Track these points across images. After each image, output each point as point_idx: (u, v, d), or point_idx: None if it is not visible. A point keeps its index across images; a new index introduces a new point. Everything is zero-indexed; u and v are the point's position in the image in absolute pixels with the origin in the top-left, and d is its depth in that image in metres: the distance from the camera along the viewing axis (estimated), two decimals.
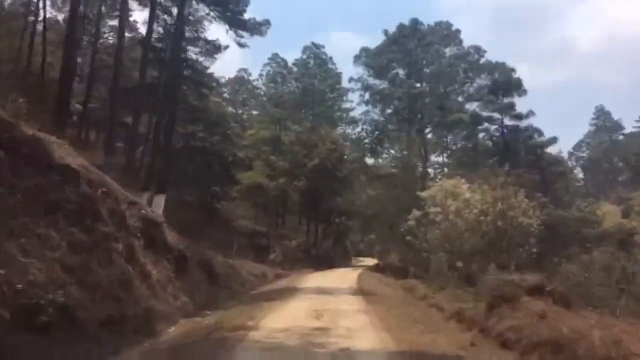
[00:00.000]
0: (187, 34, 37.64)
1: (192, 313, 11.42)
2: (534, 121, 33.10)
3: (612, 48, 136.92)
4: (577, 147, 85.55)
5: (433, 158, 48.00)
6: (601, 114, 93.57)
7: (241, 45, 35.95)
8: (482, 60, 42.25)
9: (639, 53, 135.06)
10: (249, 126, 58.36)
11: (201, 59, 41.63)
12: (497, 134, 33.28)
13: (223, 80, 64.54)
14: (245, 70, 71.99)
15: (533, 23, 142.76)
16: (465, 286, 22.11)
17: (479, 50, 42.06)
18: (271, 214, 55.52)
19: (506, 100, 32.90)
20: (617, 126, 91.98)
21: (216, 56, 43.65)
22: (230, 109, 70.08)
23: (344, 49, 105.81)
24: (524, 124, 33.11)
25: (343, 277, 29.66)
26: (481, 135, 35.50)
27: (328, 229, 54.87)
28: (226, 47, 40.16)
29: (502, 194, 20.95)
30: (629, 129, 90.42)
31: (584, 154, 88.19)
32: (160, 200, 18.64)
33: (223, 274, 16.64)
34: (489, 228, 21.23)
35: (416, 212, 25.31)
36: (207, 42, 39.80)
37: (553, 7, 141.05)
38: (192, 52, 40.74)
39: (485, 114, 33.91)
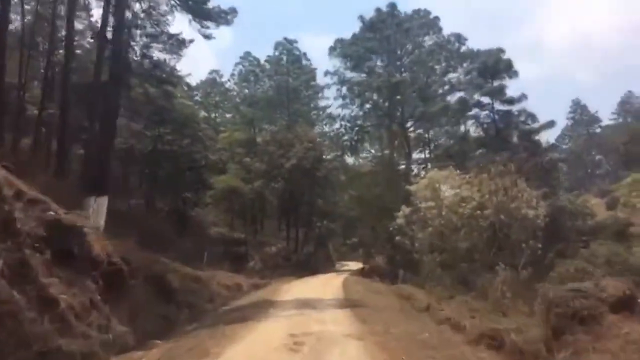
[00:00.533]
0: (148, 29, 34.91)
1: (131, 346, 8.66)
2: (526, 105, 30.80)
3: (578, 45, 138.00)
4: (560, 139, 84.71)
5: (415, 155, 45.68)
6: (577, 107, 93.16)
7: (207, 37, 33.16)
8: (463, 49, 40.31)
9: (605, 49, 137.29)
10: (224, 130, 55.46)
11: (167, 56, 38.66)
12: (488, 120, 31.06)
13: (194, 84, 61.48)
14: (217, 72, 68.75)
15: (504, 21, 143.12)
16: (462, 289, 19.85)
17: (459, 38, 40.00)
18: (249, 220, 52.64)
19: (496, 83, 30.60)
20: (594, 119, 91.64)
21: (182, 52, 40.60)
22: (203, 113, 67.21)
23: (322, 53, 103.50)
24: (516, 108, 30.96)
25: (327, 284, 27.03)
26: (470, 122, 33.33)
27: (309, 233, 52.18)
28: (191, 40, 37.16)
29: (501, 183, 18.62)
30: (605, 121, 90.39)
31: (566, 147, 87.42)
32: (101, 204, 15.66)
33: (184, 289, 13.84)
34: (488, 222, 18.89)
35: (405, 209, 22.84)
36: (170, 36, 36.78)
37: (522, 5, 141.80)
38: (156, 49, 37.92)
39: (474, 98, 31.49)
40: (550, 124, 31.87)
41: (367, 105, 42.17)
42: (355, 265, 58.56)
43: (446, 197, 19.45)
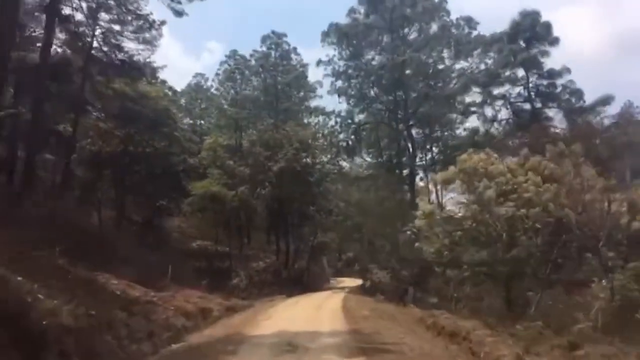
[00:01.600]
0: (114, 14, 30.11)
1: None
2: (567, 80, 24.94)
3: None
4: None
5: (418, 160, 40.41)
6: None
7: (178, 13, 28.11)
8: (475, 35, 35.28)
9: None
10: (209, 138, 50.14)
11: (140, 47, 33.53)
12: (520, 100, 25.70)
13: (179, 89, 56.12)
14: (202, 75, 62.93)
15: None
16: (508, 314, 14.56)
17: (470, 23, 34.85)
18: (234, 231, 47.06)
19: (533, 51, 25.08)
20: None
21: (155, 42, 35.39)
22: (188, 120, 61.71)
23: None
24: (559, 83, 25.43)
25: (322, 306, 21.63)
26: (499, 104, 27.74)
27: (301, 247, 46.64)
28: (162, 22, 32.12)
29: (563, 169, 13.39)
30: None
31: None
32: None
33: (90, 326, 8.37)
34: (545, 222, 13.64)
35: (427, 207, 17.46)
36: (138, 16, 31.71)
37: None
38: (127, 39, 32.89)
39: (500, 77, 26.00)
40: (606, 101, 25.89)
41: (365, 101, 37.16)
42: (352, 282, 53.10)
43: (484, 188, 14.21)
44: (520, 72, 25.89)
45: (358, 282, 52.55)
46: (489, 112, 27.15)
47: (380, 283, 34.47)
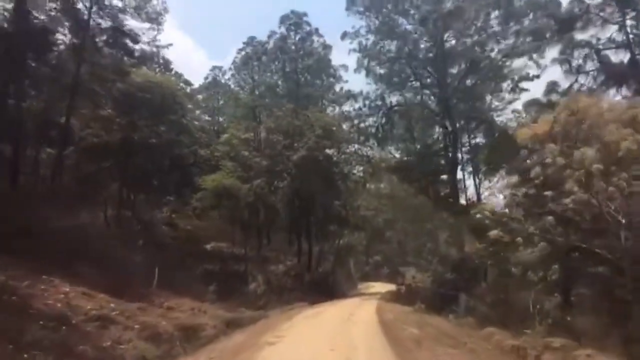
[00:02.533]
0: None
1: None
2: None
3: None
4: None
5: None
6: None
7: None
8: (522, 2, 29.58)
9: None
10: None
11: (145, 25, 29.74)
12: (612, 45, 20.22)
13: (196, 86, 51.84)
14: (219, 68, 58.53)
15: None
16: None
17: None
18: (251, 231, 42.61)
19: None
20: None
21: (160, 19, 31.44)
22: (206, 117, 57.48)
23: None
24: None
25: (353, 320, 16.75)
26: (580, 53, 22.04)
27: (325, 247, 41.82)
28: None
29: None
30: None
31: None
32: None
33: None
34: None
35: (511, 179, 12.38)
36: None
37: None
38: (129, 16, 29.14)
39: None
40: None
41: (398, 78, 32.12)
42: (381, 287, 48.09)
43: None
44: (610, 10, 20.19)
45: (389, 287, 47.44)
46: (565, 64, 21.66)
47: (418, 288, 29.41)
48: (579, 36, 20.86)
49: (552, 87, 21.79)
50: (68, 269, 12.97)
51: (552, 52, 23.38)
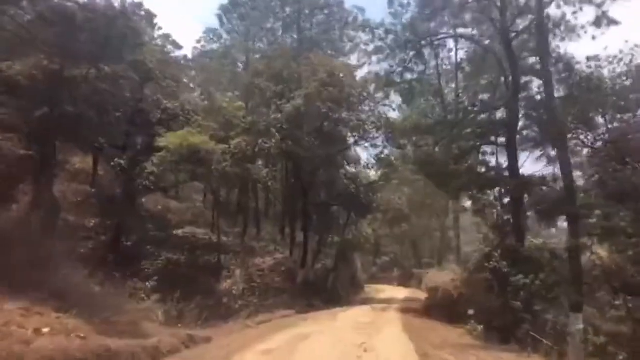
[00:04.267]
0: None
1: None
2: None
3: None
4: None
5: None
6: None
7: None
8: None
9: None
10: None
11: None
12: None
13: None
14: (213, 31, 48.34)
15: None
16: None
17: None
18: (232, 212, 33.36)
19: None
20: None
21: None
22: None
23: None
24: None
25: None
26: None
27: (326, 238, 32.55)
28: None
29: None
30: None
31: None
32: None
33: None
34: None
35: None
36: None
37: None
38: None
39: None
40: None
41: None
42: (395, 291, 39.05)
43: None
44: None
45: (403, 291, 38.12)
46: None
47: (456, 296, 19.87)
48: None
49: None
50: None
51: None
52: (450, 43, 26.33)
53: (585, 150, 20.89)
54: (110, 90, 22.02)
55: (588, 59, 22.19)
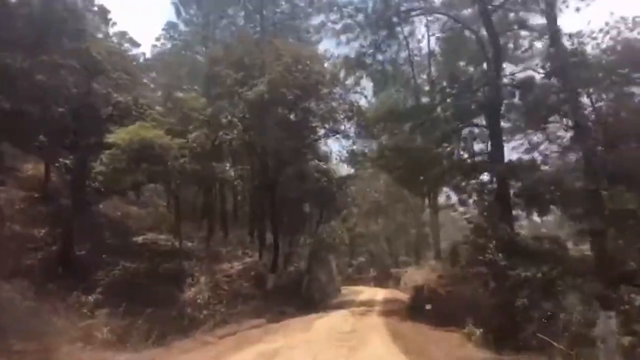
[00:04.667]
0: None
1: None
2: None
3: None
4: None
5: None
6: None
7: None
8: None
9: None
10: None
11: None
12: None
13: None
14: (174, 25, 44.49)
15: None
16: None
17: None
18: (196, 215, 30.77)
19: None
20: None
21: None
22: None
23: None
24: None
25: None
26: None
27: (298, 239, 30.38)
28: None
29: None
30: None
31: None
32: None
33: None
34: None
35: None
36: None
37: None
38: None
39: None
40: None
41: None
42: (372, 292, 37.29)
43: None
44: None
45: (381, 292, 36.29)
46: None
47: (440, 294, 17.98)
48: None
49: None
50: None
51: None
52: (422, 30, 24.71)
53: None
54: (51, 82, 19.45)
55: (570, 35, 20.67)
